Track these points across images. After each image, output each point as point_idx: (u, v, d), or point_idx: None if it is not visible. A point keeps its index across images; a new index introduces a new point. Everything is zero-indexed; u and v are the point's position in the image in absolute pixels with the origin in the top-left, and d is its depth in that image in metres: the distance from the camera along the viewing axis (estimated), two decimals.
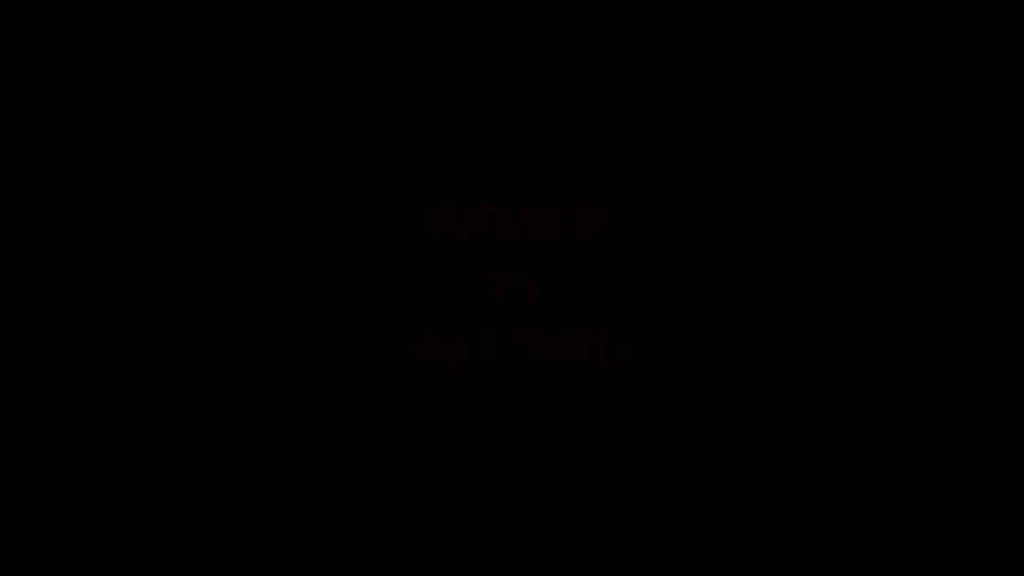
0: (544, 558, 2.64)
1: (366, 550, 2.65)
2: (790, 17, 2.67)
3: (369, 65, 2.69)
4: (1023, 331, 2.61)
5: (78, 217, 2.68)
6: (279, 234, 2.68)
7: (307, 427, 2.66)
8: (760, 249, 2.65)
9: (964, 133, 2.65)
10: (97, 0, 2.68)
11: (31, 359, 2.66)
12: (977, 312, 2.63)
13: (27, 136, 2.69)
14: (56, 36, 2.69)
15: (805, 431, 2.63)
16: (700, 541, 2.62)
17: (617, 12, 2.69)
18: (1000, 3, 2.63)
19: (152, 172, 2.69)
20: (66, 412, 2.65)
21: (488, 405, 2.67)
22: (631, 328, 2.66)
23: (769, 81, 2.67)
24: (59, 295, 2.67)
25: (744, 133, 2.67)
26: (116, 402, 2.66)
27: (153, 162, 2.69)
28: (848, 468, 2.62)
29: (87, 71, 2.69)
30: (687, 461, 2.64)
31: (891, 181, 2.65)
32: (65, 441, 2.65)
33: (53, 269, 2.67)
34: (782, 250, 2.65)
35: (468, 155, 2.69)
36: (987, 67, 2.65)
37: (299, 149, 2.69)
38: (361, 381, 2.67)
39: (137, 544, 2.64)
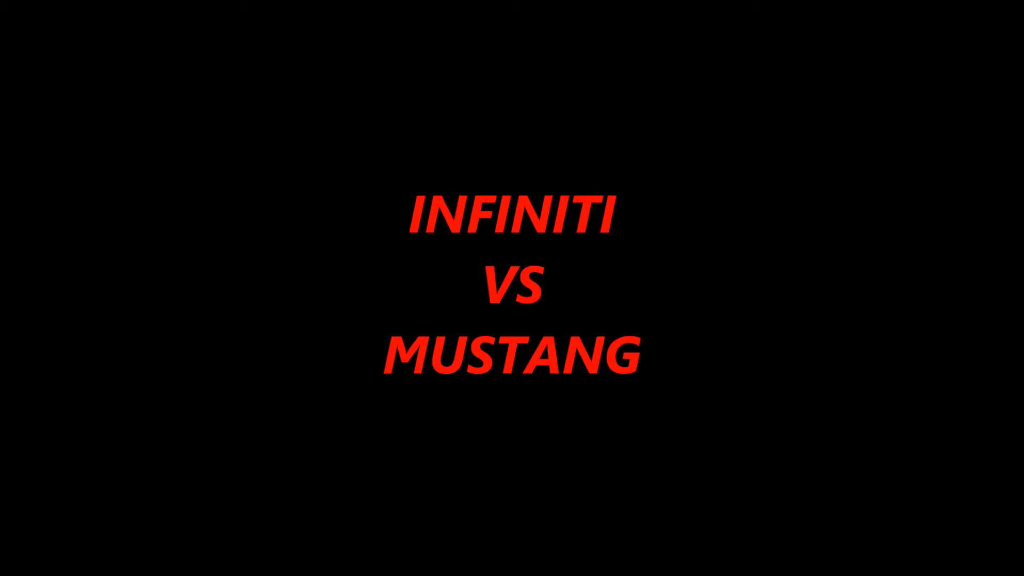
0: (545, 560, 2.64)
1: (365, 550, 2.64)
2: (789, 16, 2.68)
3: (368, 58, 2.69)
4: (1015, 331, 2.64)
5: (71, 214, 2.67)
6: (274, 229, 2.67)
7: (301, 425, 2.66)
8: (763, 247, 2.67)
9: (964, 133, 2.67)
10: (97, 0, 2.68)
11: (12, 357, 2.65)
12: (972, 312, 2.65)
13: (27, 136, 2.67)
14: (56, 35, 2.68)
15: (803, 432, 2.65)
16: (696, 542, 2.64)
17: (617, 9, 2.69)
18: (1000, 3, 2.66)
19: (146, 165, 2.68)
20: (47, 410, 2.64)
21: (487, 404, 2.67)
22: (633, 327, 2.67)
23: (768, 81, 2.68)
24: (40, 292, 2.66)
25: (743, 132, 2.68)
26: (94, 403, 2.64)
27: (148, 155, 2.68)
28: (842, 469, 2.64)
29: (87, 70, 2.68)
30: (688, 461, 2.65)
31: (886, 182, 2.67)
32: (43, 440, 2.64)
33: (39, 266, 2.66)
34: (782, 250, 2.67)
35: (467, 148, 2.69)
36: (987, 67, 2.67)
37: (295, 144, 2.69)
38: (356, 379, 2.66)
39: (120, 546, 2.63)
